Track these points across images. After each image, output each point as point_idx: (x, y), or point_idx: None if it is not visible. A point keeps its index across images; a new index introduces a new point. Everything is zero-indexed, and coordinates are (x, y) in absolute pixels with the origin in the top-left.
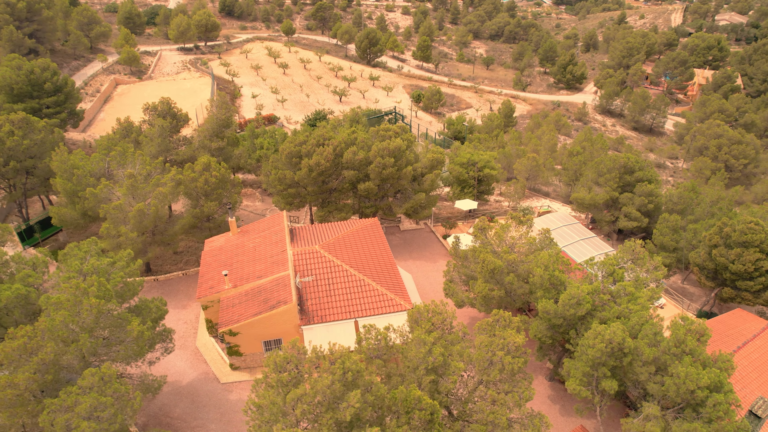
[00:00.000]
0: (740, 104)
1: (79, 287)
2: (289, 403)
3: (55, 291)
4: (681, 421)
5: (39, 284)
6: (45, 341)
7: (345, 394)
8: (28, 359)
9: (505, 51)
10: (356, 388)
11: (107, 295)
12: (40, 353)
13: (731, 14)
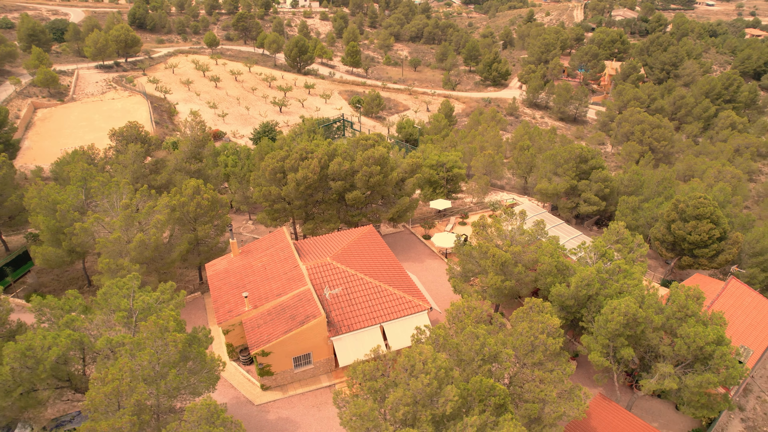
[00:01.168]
0: (651, 92)
1: (158, 324)
2: (388, 406)
3: (100, 332)
4: (692, 374)
5: (86, 327)
6: (136, 382)
7: (440, 390)
8: (123, 402)
9: (428, 52)
10: (447, 383)
11: (182, 328)
12: (135, 394)
13: (624, 10)
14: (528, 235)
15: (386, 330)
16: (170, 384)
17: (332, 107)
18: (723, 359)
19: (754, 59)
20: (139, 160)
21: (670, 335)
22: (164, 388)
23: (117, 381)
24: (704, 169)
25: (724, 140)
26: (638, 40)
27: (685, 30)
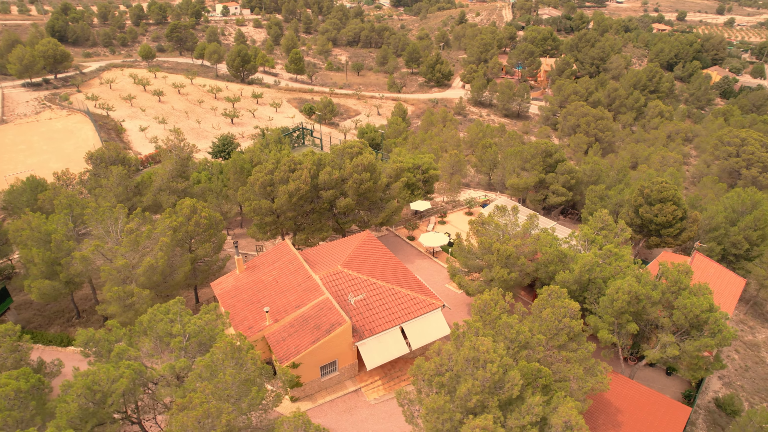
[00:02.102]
0: (587, 86)
1: (232, 344)
2: (460, 398)
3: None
4: (690, 340)
5: (137, 356)
6: (221, 403)
7: (505, 377)
8: (214, 424)
9: (367, 56)
10: (510, 369)
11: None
12: (224, 415)
13: (549, 9)
14: (523, 228)
15: (406, 330)
16: (253, 401)
17: (284, 116)
18: (717, 324)
19: (666, 52)
20: (123, 182)
21: (667, 308)
22: (246, 406)
23: (205, 404)
24: (646, 155)
25: (655, 128)
26: (565, 37)
27: (605, 26)
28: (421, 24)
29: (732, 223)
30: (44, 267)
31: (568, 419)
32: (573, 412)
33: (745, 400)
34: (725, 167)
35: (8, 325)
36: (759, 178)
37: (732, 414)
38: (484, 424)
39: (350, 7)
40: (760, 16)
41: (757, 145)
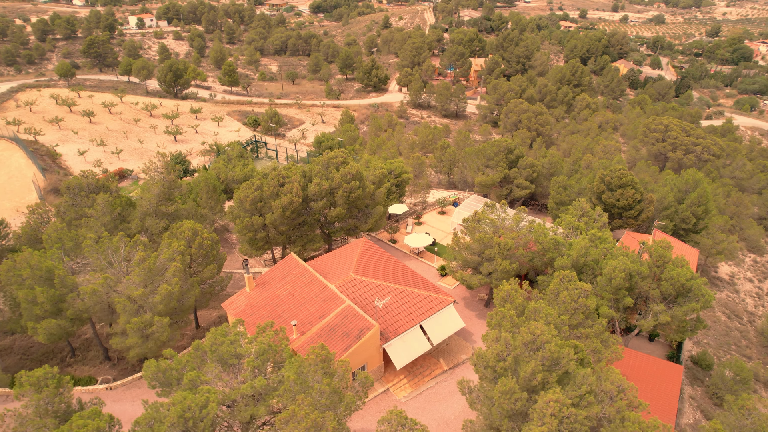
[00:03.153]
0: (521, 83)
1: (319, 355)
2: (525, 378)
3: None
4: (678, 307)
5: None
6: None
7: (560, 353)
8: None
9: (297, 64)
10: (563, 347)
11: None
12: (330, 422)
13: (469, 10)
14: (513, 222)
15: (425, 327)
16: (349, 407)
17: (227, 130)
18: (699, 290)
19: (579, 48)
20: (109, 210)
21: (656, 280)
22: (342, 412)
23: (311, 414)
24: (584, 145)
25: (585, 119)
26: (487, 38)
27: (523, 26)
28: (345, 29)
29: (679, 202)
30: (49, 305)
31: (619, 383)
32: (621, 378)
33: (713, 355)
34: (653, 152)
35: (45, 369)
36: (683, 160)
37: (706, 368)
38: (556, 396)
39: (272, 15)
40: (648, 12)
41: (678, 130)
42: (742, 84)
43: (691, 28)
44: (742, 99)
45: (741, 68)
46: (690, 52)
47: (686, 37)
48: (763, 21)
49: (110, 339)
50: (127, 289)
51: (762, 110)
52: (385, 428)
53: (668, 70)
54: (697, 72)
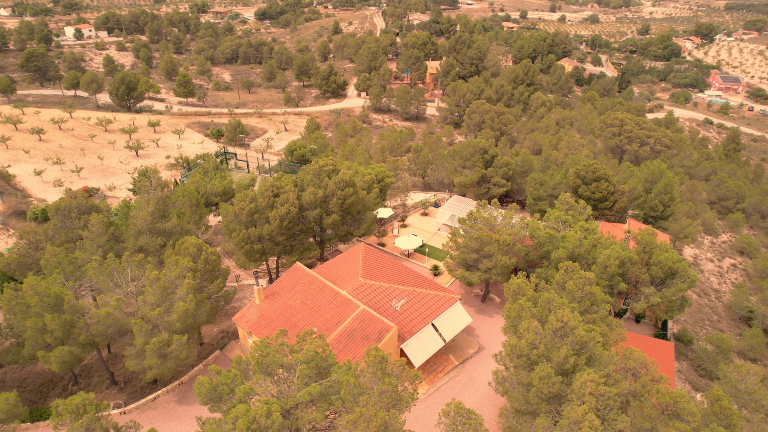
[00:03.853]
0: (478, 84)
1: (376, 356)
2: (558, 363)
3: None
4: (665, 289)
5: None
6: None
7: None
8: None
9: (250, 72)
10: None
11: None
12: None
13: (418, 14)
14: (506, 219)
15: (437, 325)
16: (408, 403)
17: (189, 142)
18: (685, 271)
19: (526, 48)
20: (104, 231)
21: (644, 265)
22: (401, 409)
23: (379, 414)
24: (547, 142)
25: (541, 117)
26: (437, 40)
27: (471, 28)
28: (294, 36)
29: (647, 191)
30: (60, 332)
31: (642, 360)
32: (644, 355)
33: (692, 330)
34: (610, 145)
35: (82, 395)
36: (639, 151)
37: (688, 343)
38: (591, 377)
39: (217, 23)
40: (583, 12)
41: (633, 124)
42: (675, 78)
43: (623, 26)
44: (676, 92)
45: (673, 64)
46: (625, 50)
47: (620, 35)
48: (685, 19)
49: (125, 362)
50: (140, 309)
51: (696, 102)
52: (448, 420)
53: (608, 67)
54: (635, 68)
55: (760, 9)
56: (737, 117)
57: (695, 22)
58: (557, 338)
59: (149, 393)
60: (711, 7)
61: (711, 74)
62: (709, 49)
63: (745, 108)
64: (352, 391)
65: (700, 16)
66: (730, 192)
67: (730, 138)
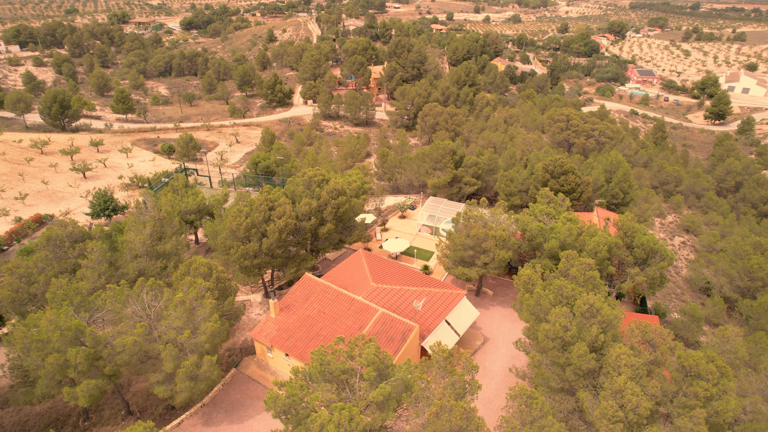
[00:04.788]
0: (426, 87)
1: (441, 352)
2: (589, 342)
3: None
4: (648, 268)
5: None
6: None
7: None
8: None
9: (186, 85)
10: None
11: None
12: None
13: (353, 19)
14: (495, 216)
15: (450, 321)
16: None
17: (139, 160)
18: (664, 250)
19: (460, 49)
20: (105, 258)
21: (627, 248)
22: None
23: (459, 403)
24: (500, 140)
25: (487, 116)
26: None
27: (406, 32)
28: (225, 45)
29: (608, 181)
30: (86, 366)
31: (660, 332)
32: (660, 327)
33: (663, 304)
34: (558, 140)
35: (139, 425)
36: (586, 144)
37: (662, 315)
38: (624, 350)
39: (141, 34)
40: (505, 12)
41: (578, 119)
42: (598, 73)
43: (544, 25)
44: (601, 86)
45: (595, 60)
46: (550, 47)
47: (542, 33)
48: (597, 17)
49: (153, 388)
50: (165, 334)
51: (621, 95)
52: (515, 403)
53: (536, 65)
54: (562, 65)
55: (659, 8)
56: (656, 107)
57: (607, 20)
58: (585, 319)
59: (169, 420)
60: (618, 6)
61: (628, 68)
62: (623, 45)
63: (661, 99)
64: (427, 387)
65: (610, 14)
66: (669, 177)
67: (657, 127)
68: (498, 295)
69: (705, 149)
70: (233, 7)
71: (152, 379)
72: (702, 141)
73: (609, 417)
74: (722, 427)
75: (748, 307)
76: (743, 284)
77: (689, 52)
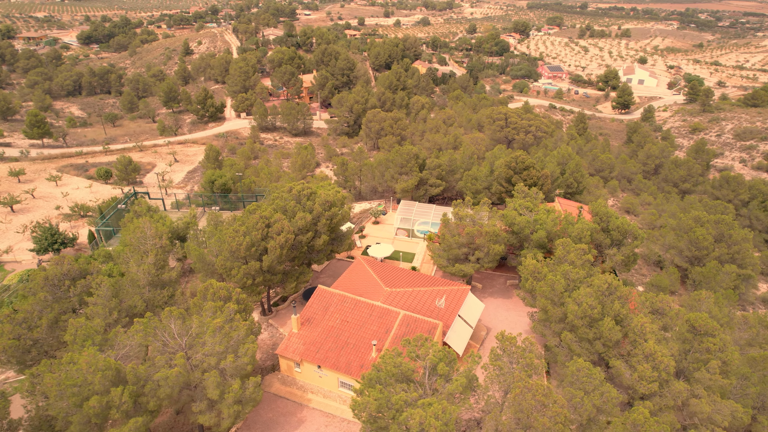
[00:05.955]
0: (363, 94)
1: (509, 341)
2: (615, 315)
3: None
4: (623, 247)
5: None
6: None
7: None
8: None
9: (101, 104)
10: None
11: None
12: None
13: (271, 29)
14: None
15: (462, 315)
16: (539, 373)
17: (72, 188)
18: (636, 231)
19: (383, 54)
20: (113, 293)
21: (604, 232)
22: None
23: (539, 384)
24: (446, 141)
25: (423, 119)
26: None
27: (328, 39)
28: (135, 60)
29: (562, 173)
30: (131, 405)
31: (667, 302)
32: (665, 296)
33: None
34: (499, 137)
35: None
36: (525, 139)
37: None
38: (644, 319)
39: (34, 49)
40: (414, 16)
41: (515, 116)
42: (512, 71)
43: (452, 27)
44: (517, 83)
45: (507, 58)
46: (462, 48)
47: (452, 35)
48: (500, 18)
49: (197, 418)
50: (204, 361)
51: (538, 91)
52: (575, 377)
53: (453, 66)
54: (479, 65)
55: (553, 7)
56: (569, 100)
57: (509, 20)
58: (605, 296)
59: None
60: (516, 6)
61: (539, 65)
62: (529, 43)
63: (572, 92)
64: (496, 372)
65: (511, 14)
66: (604, 164)
67: (579, 119)
68: (486, 287)
69: (618, 137)
70: (135, 19)
71: (195, 409)
72: (614, 129)
73: (647, 378)
74: (729, 375)
75: (699, 273)
76: (691, 254)
77: (588, 48)
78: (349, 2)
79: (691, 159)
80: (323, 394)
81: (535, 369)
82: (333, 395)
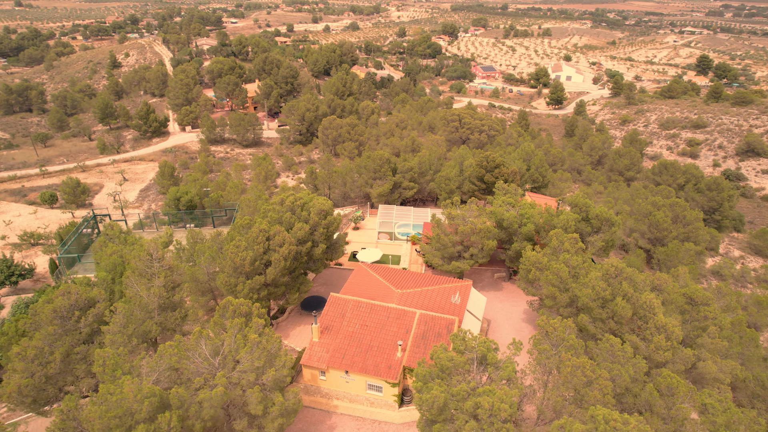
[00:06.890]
0: (312, 101)
1: (555, 327)
2: (625, 295)
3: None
4: (603, 234)
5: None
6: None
7: (633, 275)
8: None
9: (23, 123)
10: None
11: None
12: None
13: (206, 39)
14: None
15: (470, 309)
16: (578, 355)
17: (14, 215)
18: (612, 217)
19: (321, 61)
20: (130, 319)
21: (585, 221)
22: None
23: (584, 365)
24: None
25: (375, 123)
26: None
27: (264, 47)
28: (54, 74)
29: (528, 168)
30: (178, 429)
31: (664, 279)
32: (664, 274)
33: None
34: (454, 138)
35: None
36: (480, 138)
37: None
38: (651, 296)
39: None
40: (342, 21)
41: (469, 117)
42: (447, 72)
43: (382, 30)
44: (454, 84)
45: (441, 60)
46: (396, 52)
47: (383, 39)
48: (426, 20)
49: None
50: (243, 377)
51: (476, 91)
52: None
53: (389, 70)
54: (416, 68)
55: (476, 9)
56: (505, 99)
57: (436, 23)
58: (612, 278)
59: None
60: (441, 8)
61: (472, 66)
62: (459, 45)
63: (506, 90)
64: (545, 356)
65: (436, 17)
66: (556, 158)
67: (521, 117)
68: (476, 282)
69: (557, 131)
70: (45, 31)
71: (237, 427)
72: (552, 124)
73: (663, 347)
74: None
75: (662, 252)
76: (653, 236)
77: (515, 48)
78: (275, 9)
79: (632, 149)
80: (349, 399)
81: (575, 349)
82: (360, 399)
